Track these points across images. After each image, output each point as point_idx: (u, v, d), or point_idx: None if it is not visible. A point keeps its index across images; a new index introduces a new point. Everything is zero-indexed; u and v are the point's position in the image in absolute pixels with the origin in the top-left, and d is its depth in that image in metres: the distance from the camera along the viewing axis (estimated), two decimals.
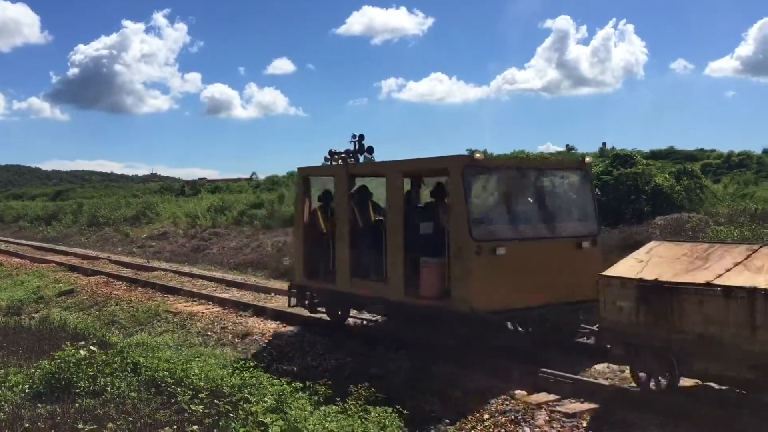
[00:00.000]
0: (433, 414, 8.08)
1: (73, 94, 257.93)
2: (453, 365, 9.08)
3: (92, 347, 8.62)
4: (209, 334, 12.48)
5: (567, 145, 59.68)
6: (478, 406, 8.00)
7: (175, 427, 6.52)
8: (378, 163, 11.11)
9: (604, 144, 50.33)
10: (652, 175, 19.40)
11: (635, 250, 8.28)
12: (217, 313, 13.95)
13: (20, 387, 7.85)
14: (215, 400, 7.05)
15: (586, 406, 7.54)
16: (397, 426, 6.88)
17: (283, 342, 11.54)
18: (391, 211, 10.28)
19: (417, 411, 7.91)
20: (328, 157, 11.57)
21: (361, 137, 11.32)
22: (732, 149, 51.72)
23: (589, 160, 10.60)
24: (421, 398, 8.40)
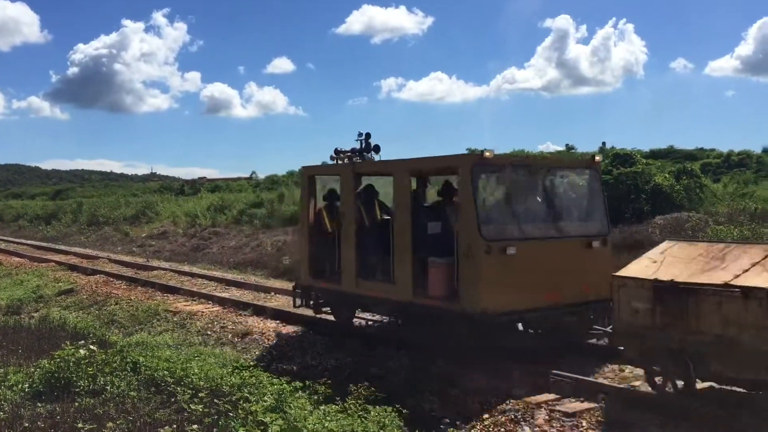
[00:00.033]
0: (432, 413, 8.07)
1: (72, 94, 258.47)
2: (453, 365, 9.06)
3: (92, 346, 8.58)
4: (209, 333, 12.47)
5: (567, 145, 59.56)
6: (477, 405, 7.99)
7: (174, 426, 6.51)
8: (385, 162, 10.95)
9: (604, 143, 50.14)
10: (652, 175, 19.39)
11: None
12: (217, 313, 13.94)
13: (20, 386, 7.83)
14: (215, 400, 7.03)
15: (586, 406, 7.53)
16: (397, 425, 6.86)
17: (283, 341, 11.53)
18: (398, 211, 10.13)
19: (417, 410, 7.89)
20: (333, 156, 11.45)
21: (368, 135, 11.21)
22: (732, 148, 51.63)
23: (599, 159, 10.42)
24: (420, 397, 8.38)
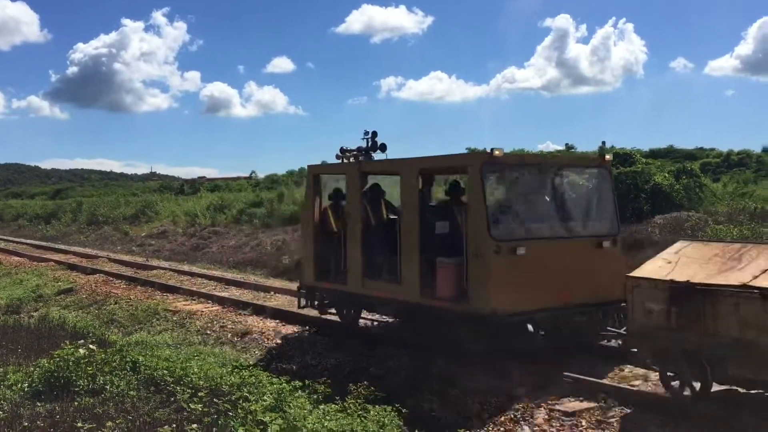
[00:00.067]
0: (432, 413, 8.07)
1: (72, 93, 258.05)
2: (453, 365, 9.05)
3: (91, 346, 8.58)
4: (208, 332, 12.47)
5: (566, 144, 59.40)
6: (477, 405, 7.97)
7: (174, 425, 6.50)
8: (393, 161, 10.79)
9: (604, 143, 49.75)
10: (652, 174, 19.34)
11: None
12: (217, 312, 13.94)
13: (19, 385, 7.83)
14: (214, 399, 7.02)
15: (585, 405, 7.52)
16: (397, 425, 6.85)
17: (283, 341, 11.53)
18: (406, 210, 10.02)
19: (416, 410, 7.88)
20: (339, 155, 11.35)
21: (374, 134, 11.07)
22: (731, 148, 51.47)
23: (609, 158, 10.24)
24: (420, 397, 8.37)
